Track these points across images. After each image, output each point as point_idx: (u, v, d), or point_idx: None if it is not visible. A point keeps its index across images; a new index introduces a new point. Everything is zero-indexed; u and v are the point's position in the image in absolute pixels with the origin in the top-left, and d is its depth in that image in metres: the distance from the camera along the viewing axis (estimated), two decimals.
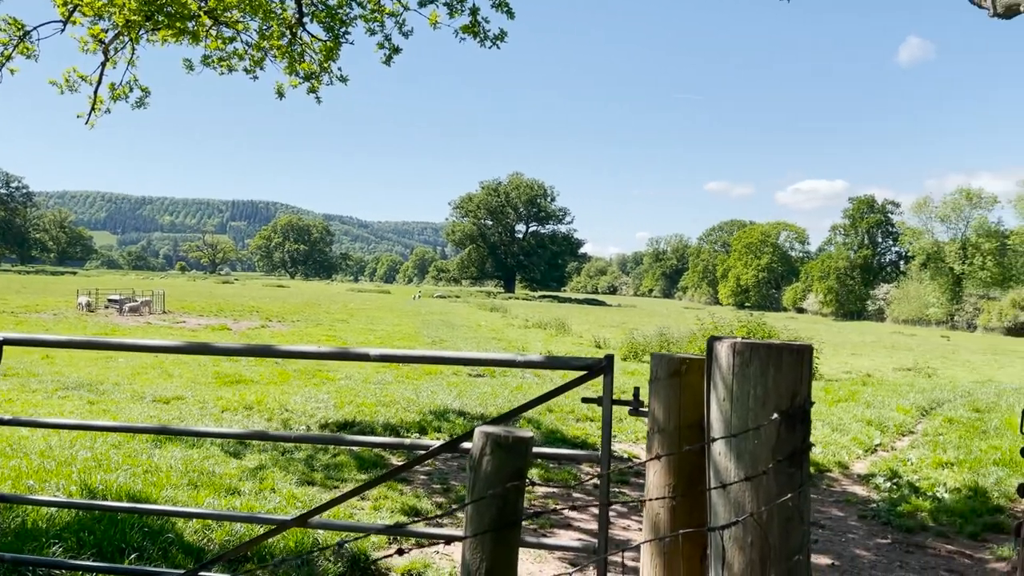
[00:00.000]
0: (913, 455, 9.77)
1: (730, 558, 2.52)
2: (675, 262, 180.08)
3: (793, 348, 2.51)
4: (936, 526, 7.49)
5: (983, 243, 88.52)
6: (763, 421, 2.47)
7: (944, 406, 12.75)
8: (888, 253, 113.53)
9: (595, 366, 3.13)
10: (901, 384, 16.91)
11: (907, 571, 6.29)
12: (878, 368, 25.29)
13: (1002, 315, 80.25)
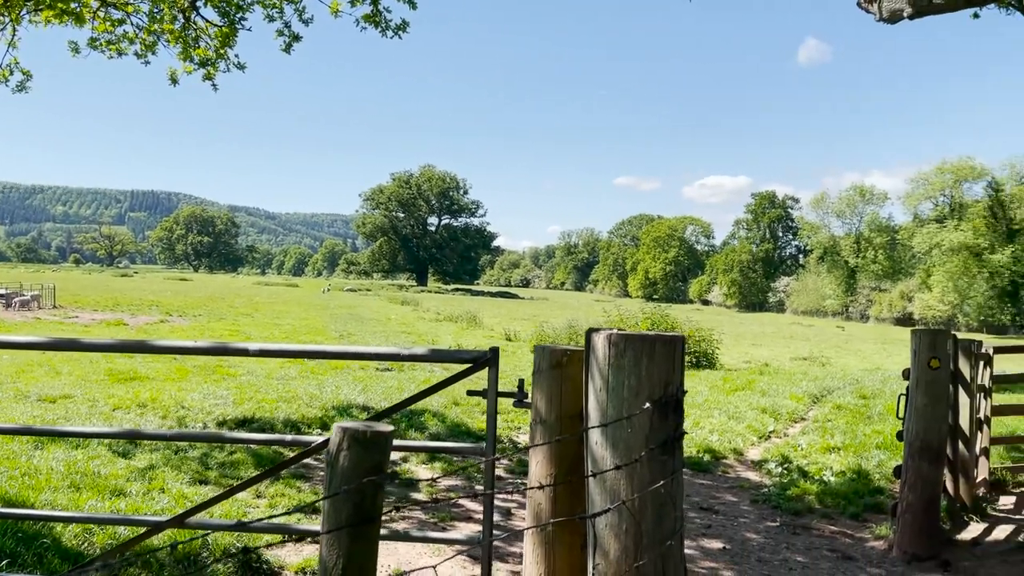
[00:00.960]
0: (803, 441, 10.19)
1: (605, 545, 2.56)
2: (586, 255, 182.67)
3: (666, 339, 2.56)
4: (822, 508, 7.84)
5: (875, 237, 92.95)
6: (637, 410, 2.52)
7: (834, 393, 13.34)
8: (788, 247, 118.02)
9: (480, 359, 3.13)
10: (796, 373, 17.61)
11: (793, 552, 6.56)
12: (776, 358, 26.26)
13: (892, 306, 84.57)
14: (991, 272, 71.95)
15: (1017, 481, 9.08)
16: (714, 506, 7.72)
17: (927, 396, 6.55)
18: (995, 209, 74.23)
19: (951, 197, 80.00)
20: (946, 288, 75.91)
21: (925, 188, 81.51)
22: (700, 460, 9.22)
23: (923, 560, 6.39)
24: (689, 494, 8.07)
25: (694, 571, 5.77)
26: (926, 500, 6.54)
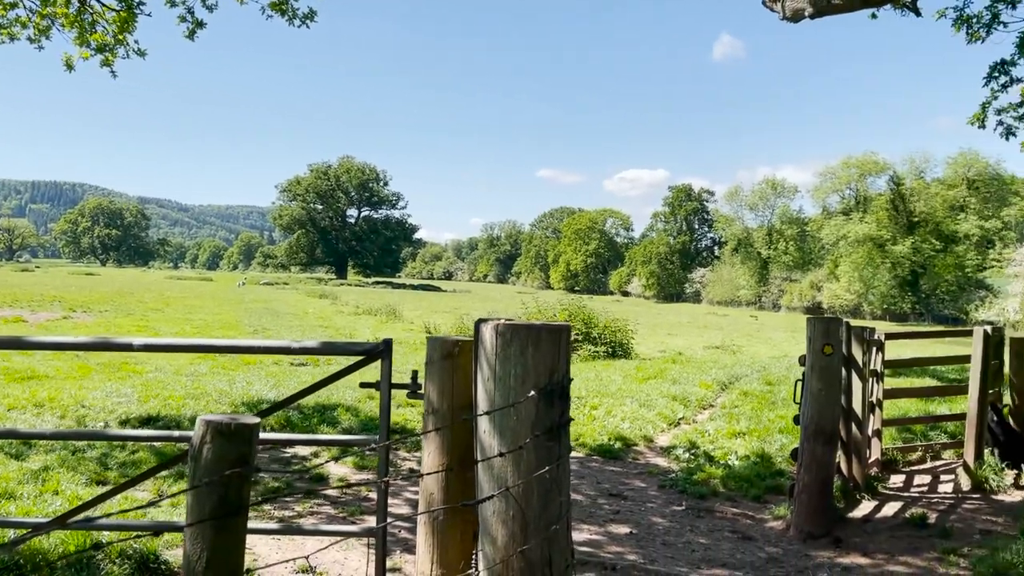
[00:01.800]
0: (711, 427, 10.50)
1: (493, 531, 2.60)
2: (509, 247, 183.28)
3: (551, 328, 2.62)
4: (726, 491, 8.10)
5: (786, 229, 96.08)
6: (523, 398, 2.56)
7: (741, 380, 13.76)
8: (704, 239, 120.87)
9: (373, 351, 3.13)
10: (706, 361, 18.10)
11: (696, 534, 6.77)
12: (690, 347, 26.92)
13: (802, 295, 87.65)
14: (893, 262, 75.35)
15: (907, 460, 9.58)
16: (623, 492, 7.90)
17: (821, 381, 6.84)
18: (896, 202, 77.71)
19: (856, 190, 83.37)
20: (852, 278, 79.15)
21: (832, 182, 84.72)
22: (611, 447, 9.40)
23: (818, 538, 6.69)
24: (600, 481, 8.23)
25: (600, 556, 5.89)
26: (821, 481, 6.84)
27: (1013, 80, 11.75)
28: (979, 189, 74.06)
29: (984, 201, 73.73)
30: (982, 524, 7.26)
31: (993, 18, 10.73)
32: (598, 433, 9.81)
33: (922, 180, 77.93)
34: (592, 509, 7.24)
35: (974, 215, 72.82)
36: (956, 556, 6.26)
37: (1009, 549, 6.06)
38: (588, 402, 11.34)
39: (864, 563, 6.18)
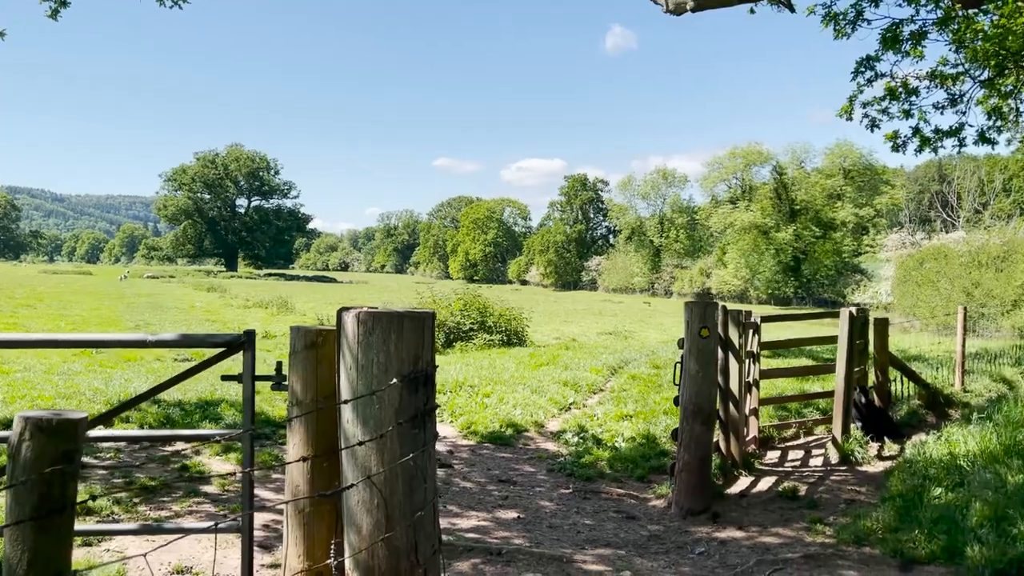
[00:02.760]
0: (600, 410, 10.73)
1: (358, 519, 2.58)
2: (406, 237, 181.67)
3: (414, 315, 2.61)
4: (612, 473, 8.31)
5: (677, 218, 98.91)
6: (386, 386, 2.55)
7: (630, 364, 14.11)
8: (599, 227, 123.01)
9: (234, 342, 3.04)
10: (599, 347, 18.48)
11: (582, 516, 6.91)
12: (584, 333, 27.42)
13: (692, 282, 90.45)
14: (777, 249, 78.69)
15: (783, 437, 10.06)
16: (513, 478, 7.98)
17: (698, 363, 7.09)
18: (779, 191, 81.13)
19: (742, 180, 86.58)
20: (739, 264, 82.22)
21: (719, 171, 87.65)
22: (503, 434, 9.48)
23: (697, 514, 6.95)
24: (490, 468, 8.30)
25: (487, 541, 5.94)
26: (699, 459, 7.10)
27: (878, 75, 12.44)
28: (854, 179, 78.18)
29: (859, 190, 77.90)
30: (847, 494, 7.71)
31: (858, 15, 11.34)
32: (490, 420, 9.88)
33: (803, 170, 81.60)
34: (481, 496, 7.29)
35: (850, 203, 76.83)
36: (823, 525, 6.63)
37: (869, 516, 6.46)
38: (481, 390, 11.39)
39: (739, 536, 6.46)
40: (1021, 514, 5.92)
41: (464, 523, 6.46)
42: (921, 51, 11.63)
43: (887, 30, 11.30)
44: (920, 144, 12.28)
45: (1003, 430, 7.91)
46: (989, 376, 13.08)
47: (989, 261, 41.85)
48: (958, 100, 12.07)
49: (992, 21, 10.63)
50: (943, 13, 10.67)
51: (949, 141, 12.36)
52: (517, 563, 5.36)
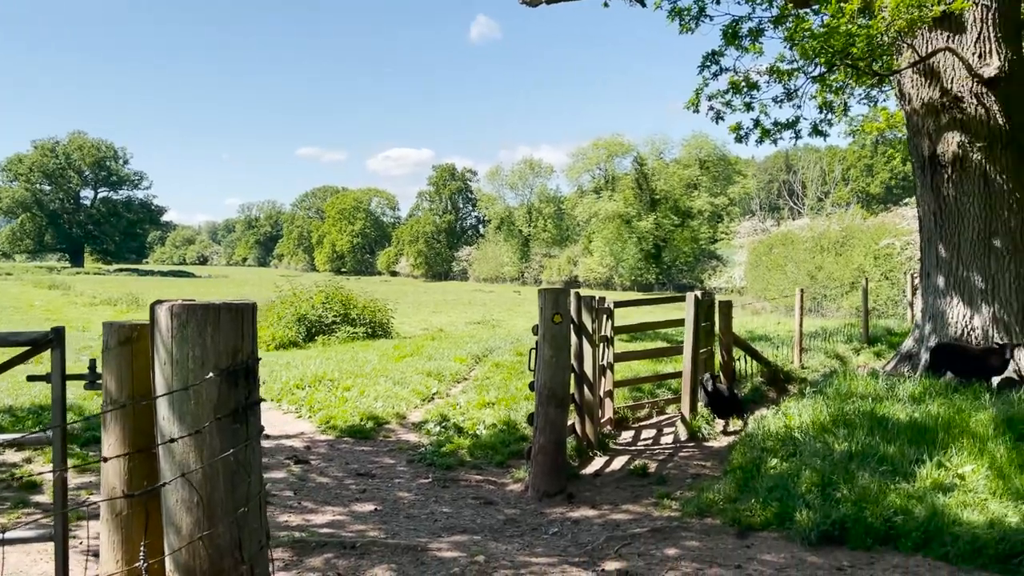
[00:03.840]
0: (463, 399, 10.78)
1: (177, 519, 2.49)
2: (269, 229, 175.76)
3: (232, 307, 2.53)
4: (472, 460, 8.38)
5: (544, 207, 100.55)
6: (201, 381, 2.46)
7: (495, 352, 14.25)
8: (469, 217, 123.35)
9: (41, 340, 2.85)
10: (465, 336, 18.56)
11: (440, 504, 6.93)
12: (452, 323, 27.47)
13: (560, 270, 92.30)
14: (639, 237, 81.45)
15: (637, 417, 10.45)
16: (372, 470, 7.91)
17: (552, 348, 7.25)
18: (640, 181, 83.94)
19: (605, 170, 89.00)
20: (604, 252, 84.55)
21: (584, 162, 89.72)
22: (363, 428, 9.37)
23: (553, 496, 7.12)
24: (349, 462, 8.18)
25: (342, 535, 5.86)
26: (555, 442, 7.27)
27: (723, 69, 13.06)
28: (709, 169, 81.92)
29: (713, 180, 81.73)
30: (694, 469, 8.11)
31: (700, 11, 11.88)
32: (350, 414, 9.74)
33: (662, 160, 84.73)
34: (338, 490, 7.18)
35: (706, 192, 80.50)
36: (670, 499, 6.94)
37: (712, 489, 6.82)
38: (341, 384, 11.21)
39: (592, 514, 6.66)
40: (844, 479, 6.40)
41: (319, 519, 6.34)
42: (760, 47, 12.28)
43: (728, 26, 11.87)
44: (761, 136, 12.96)
45: (832, 402, 8.51)
46: (824, 353, 14.06)
47: (830, 246, 44.85)
48: (794, 95, 12.82)
49: (823, 21, 11.38)
50: (778, 11, 11.33)
51: (787, 133, 13.12)
52: (371, 555, 5.32)
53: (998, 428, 7.19)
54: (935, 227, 10.62)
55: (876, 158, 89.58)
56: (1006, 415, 7.46)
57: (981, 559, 5.26)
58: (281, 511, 6.45)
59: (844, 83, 13.35)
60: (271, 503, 6.64)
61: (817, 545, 5.60)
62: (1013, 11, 10.65)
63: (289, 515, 6.36)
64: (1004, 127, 10.10)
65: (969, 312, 10.14)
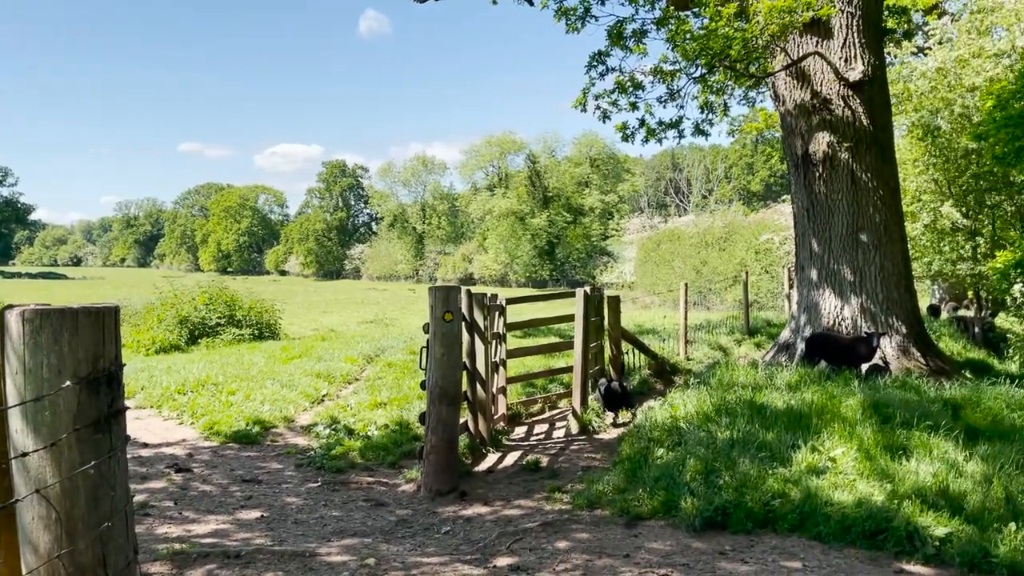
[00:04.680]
0: (354, 400, 10.60)
1: (35, 537, 2.33)
2: (149, 228, 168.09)
3: (92, 311, 2.38)
4: (364, 462, 8.25)
5: (438, 205, 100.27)
6: (57, 390, 2.30)
7: (387, 352, 14.08)
8: (361, 215, 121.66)
9: None
10: (357, 336, 18.27)
11: (330, 508, 6.79)
12: (344, 323, 27.02)
13: (455, 267, 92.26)
14: (533, 234, 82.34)
15: (530, 412, 10.54)
16: (258, 476, 7.67)
17: (443, 346, 7.21)
18: (533, 179, 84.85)
19: (498, 167, 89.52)
20: (498, 249, 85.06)
21: (476, 159, 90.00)
22: (249, 432, 9.08)
23: (445, 494, 7.08)
24: (234, 468, 7.91)
25: (225, 545, 5.65)
26: (447, 441, 7.24)
27: (609, 69, 13.35)
28: (599, 167, 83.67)
29: (604, 178, 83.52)
30: (585, 462, 8.25)
31: (586, 11, 12.11)
32: (235, 419, 9.41)
33: (554, 158, 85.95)
34: (222, 498, 6.93)
35: (596, 190, 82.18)
36: (561, 493, 7.03)
37: (602, 481, 6.94)
38: (226, 387, 10.83)
39: (484, 511, 6.67)
40: (726, 466, 6.64)
41: (202, 528, 6.10)
42: (644, 48, 12.62)
43: (613, 27, 12.14)
44: (646, 135, 13.32)
45: (715, 392, 8.82)
46: (708, 344, 14.59)
47: (714, 241, 46.61)
48: (677, 95, 13.22)
49: (702, 24, 11.78)
50: (661, 14, 11.65)
51: (671, 132, 13.54)
52: (256, 564, 5.15)
53: (865, 412, 7.61)
54: (808, 223, 11.17)
55: (756, 157, 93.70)
56: (873, 400, 7.91)
57: (850, 537, 5.56)
58: (160, 522, 6.16)
59: (724, 84, 13.87)
60: (149, 514, 6.34)
61: (701, 531, 5.79)
62: (876, 18, 11.32)
63: (169, 526, 6.08)
64: (868, 128, 10.73)
65: (840, 303, 10.72)
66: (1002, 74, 14.59)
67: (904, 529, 5.47)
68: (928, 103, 16.34)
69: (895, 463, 6.57)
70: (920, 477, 6.24)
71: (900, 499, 5.86)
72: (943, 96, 16.04)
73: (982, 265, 16.01)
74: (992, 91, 10.47)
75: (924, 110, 16.43)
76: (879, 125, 10.89)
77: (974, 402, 8.11)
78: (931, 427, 7.24)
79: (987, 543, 5.30)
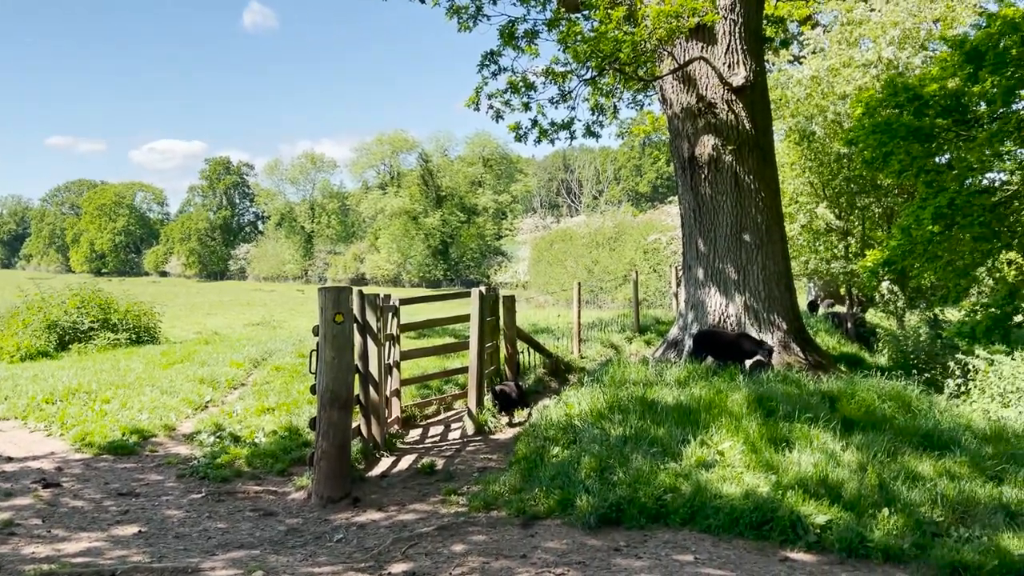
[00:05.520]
0: (240, 406, 10.18)
1: None
2: (14, 227, 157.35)
3: None
4: (251, 470, 7.92)
5: (328, 203, 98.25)
6: None
7: (275, 355, 13.62)
8: (247, 213, 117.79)
9: None
10: (243, 339, 17.61)
11: (215, 520, 6.47)
12: (229, 325, 26.06)
13: (346, 268, 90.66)
14: (426, 234, 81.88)
15: (425, 414, 10.41)
16: (135, 489, 7.24)
17: (334, 349, 6.99)
18: (426, 178, 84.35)
19: (390, 166, 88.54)
20: (391, 249, 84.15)
21: (368, 157, 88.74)
22: (126, 443, 8.56)
23: (337, 501, 6.88)
24: (108, 481, 7.45)
25: (99, 564, 5.28)
26: (338, 446, 7.02)
27: (501, 69, 13.33)
28: (492, 167, 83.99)
29: (497, 177, 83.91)
30: (481, 463, 8.19)
31: (478, 10, 12.07)
32: (110, 429, 8.86)
33: (447, 157, 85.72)
34: (96, 514, 6.49)
35: (490, 190, 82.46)
36: (457, 495, 6.95)
37: (498, 481, 6.90)
38: (99, 396, 10.20)
39: (378, 517, 6.51)
40: (620, 462, 6.73)
41: (73, 547, 5.68)
42: (536, 49, 12.66)
43: (505, 27, 12.13)
44: (539, 135, 13.37)
45: (608, 390, 8.94)
46: (601, 343, 14.82)
47: (605, 241, 47.62)
48: (568, 96, 13.34)
49: (593, 26, 11.94)
50: (552, 15, 11.73)
51: (563, 133, 13.63)
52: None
53: (751, 406, 7.88)
54: (695, 223, 11.50)
55: (644, 159, 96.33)
56: (757, 394, 8.20)
57: (738, 528, 5.73)
58: (27, 542, 5.71)
59: (614, 87, 14.11)
60: (15, 534, 5.87)
61: (596, 528, 5.83)
62: (756, 26, 11.76)
63: (36, 546, 5.64)
64: (751, 131, 11.13)
65: (725, 301, 11.08)
66: (870, 83, 15.46)
67: (788, 519, 5.67)
68: (804, 109, 17.15)
69: (779, 455, 6.82)
70: (802, 467, 6.49)
71: (784, 489, 6.08)
72: (817, 103, 16.87)
73: (853, 264, 16.92)
74: (861, 99, 11.03)
75: (800, 116, 17.24)
76: (760, 129, 11.32)
77: (849, 394, 8.53)
78: (811, 419, 7.56)
79: (863, 529, 5.56)
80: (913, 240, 9.99)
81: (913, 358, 13.30)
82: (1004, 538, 5.43)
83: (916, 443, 7.27)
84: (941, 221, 9.58)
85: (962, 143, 9.79)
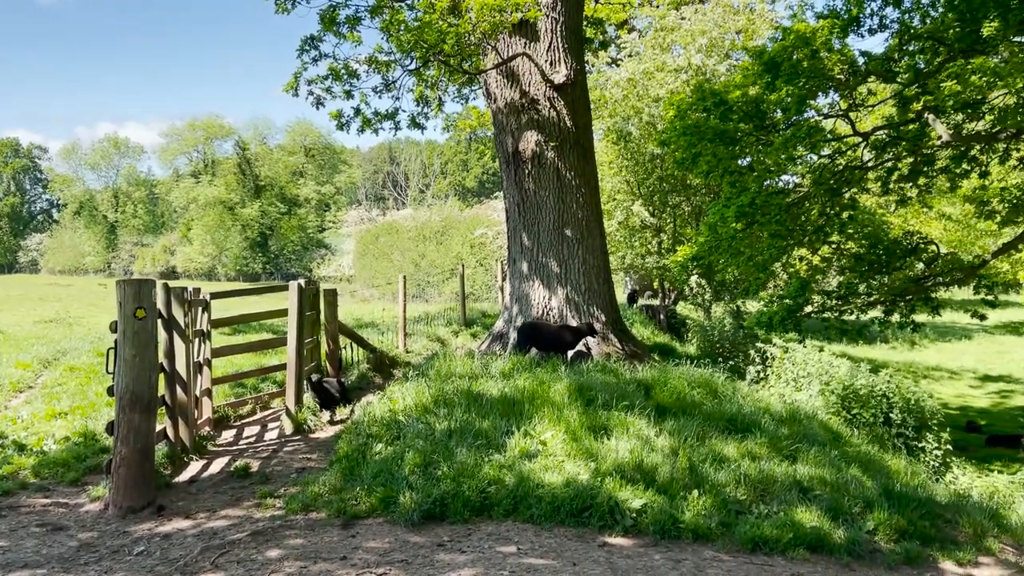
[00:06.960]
0: (26, 411, 9.25)
1: None
2: None
3: None
4: (38, 481, 7.19)
5: (134, 191, 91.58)
6: None
7: (70, 355, 12.49)
8: (39, 201, 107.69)
9: None
10: (32, 337, 16.03)
11: None
12: (18, 323, 23.60)
13: (155, 260, 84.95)
14: (243, 225, 78.21)
15: (239, 414, 9.87)
16: None
17: (135, 347, 6.44)
18: (243, 166, 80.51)
19: (204, 153, 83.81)
20: (205, 241, 79.69)
21: (179, 143, 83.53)
22: None
23: (139, 510, 6.34)
24: None
25: None
26: (140, 451, 6.48)
27: (322, 55, 12.86)
28: (315, 157, 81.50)
29: (320, 168, 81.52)
30: (299, 463, 7.86)
31: None
32: None
33: (265, 146, 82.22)
34: None
35: (312, 181, 79.99)
36: (273, 498, 6.61)
37: (317, 482, 6.64)
38: None
39: (186, 525, 6.06)
40: (444, 456, 6.66)
41: None
42: (358, 36, 12.34)
43: (325, 11, 11.71)
44: (362, 124, 13.02)
45: (434, 383, 8.85)
46: (427, 336, 14.72)
47: (432, 235, 47.49)
48: (392, 86, 13.10)
49: (416, 16, 11.77)
50: (375, 2, 11.45)
51: (387, 123, 13.35)
52: None
53: (572, 396, 8.06)
54: (519, 218, 11.64)
55: (470, 154, 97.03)
56: (578, 384, 8.40)
57: (560, 516, 5.82)
58: None
59: (439, 79, 14.00)
60: None
61: (420, 525, 5.73)
62: (577, 26, 12.07)
63: None
64: (572, 129, 11.41)
65: (548, 294, 11.30)
66: (681, 87, 16.34)
67: (607, 504, 5.83)
68: (621, 110, 17.87)
69: (598, 442, 7.00)
70: (619, 454, 6.70)
71: (603, 476, 6.24)
72: (633, 105, 17.63)
73: (665, 259, 17.84)
74: (673, 102, 11.58)
75: (618, 116, 17.95)
76: (581, 127, 11.63)
77: (662, 382, 8.93)
78: (628, 406, 7.84)
79: (675, 511, 5.81)
80: (719, 236, 10.61)
81: (719, 347, 14.21)
82: (798, 512, 5.86)
83: (722, 427, 7.72)
84: (743, 219, 10.23)
85: (762, 147, 10.49)
